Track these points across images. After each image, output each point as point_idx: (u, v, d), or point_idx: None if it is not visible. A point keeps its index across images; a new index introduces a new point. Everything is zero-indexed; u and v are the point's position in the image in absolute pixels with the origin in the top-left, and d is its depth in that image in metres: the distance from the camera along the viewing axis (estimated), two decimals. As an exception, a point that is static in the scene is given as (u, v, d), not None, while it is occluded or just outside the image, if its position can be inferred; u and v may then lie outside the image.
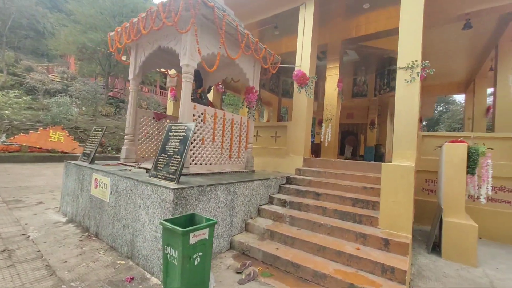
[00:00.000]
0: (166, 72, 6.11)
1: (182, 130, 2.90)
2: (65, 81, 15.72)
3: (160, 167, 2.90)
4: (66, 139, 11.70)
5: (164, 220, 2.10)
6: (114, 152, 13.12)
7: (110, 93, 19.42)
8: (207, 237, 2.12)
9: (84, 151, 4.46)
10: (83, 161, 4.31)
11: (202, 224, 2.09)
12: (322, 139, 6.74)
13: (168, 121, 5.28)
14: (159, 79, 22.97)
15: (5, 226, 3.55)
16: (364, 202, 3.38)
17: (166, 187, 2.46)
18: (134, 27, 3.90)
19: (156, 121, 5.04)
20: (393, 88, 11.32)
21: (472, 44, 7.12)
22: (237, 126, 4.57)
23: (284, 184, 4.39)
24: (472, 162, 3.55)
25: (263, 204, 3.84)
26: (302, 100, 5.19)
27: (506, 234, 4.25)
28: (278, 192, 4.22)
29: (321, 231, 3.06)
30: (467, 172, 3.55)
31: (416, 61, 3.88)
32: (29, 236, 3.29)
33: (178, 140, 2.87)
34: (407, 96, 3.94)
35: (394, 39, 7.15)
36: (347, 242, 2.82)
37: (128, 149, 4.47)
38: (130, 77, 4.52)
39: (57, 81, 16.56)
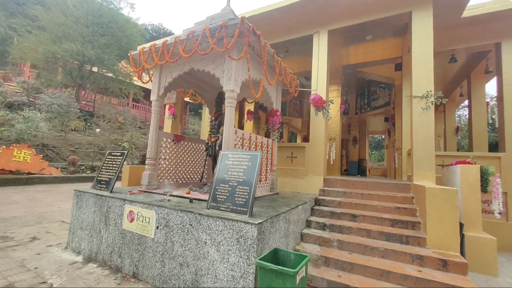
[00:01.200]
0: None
1: (245, 159, 2.82)
2: (28, 92, 14.03)
3: (221, 198, 2.76)
4: (33, 159, 10.31)
5: (259, 259, 2.00)
6: (89, 172, 11.89)
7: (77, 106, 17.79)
8: (304, 274, 2.07)
9: (99, 179, 4.02)
10: (100, 189, 3.87)
11: (303, 261, 2.03)
12: (327, 157, 7.02)
13: (186, 143, 5.05)
14: (132, 91, 21.82)
15: (13, 273, 2.98)
16: (403, 223, 3.59)
17: (246, 222, 2.34)
18: (168, 49, 3.76)
19: (175, 143, 4.79)
20: (373, 108, 12.38)
21: (445, 73, 8.22)
22: (265, 148, 4.57)
23: (314, 206, 4.45)
24: (484, 181, 4.04)
25: (303, 229, 3.84)
26: (319, 122, 5.41)
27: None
28: (311, 215, 4.25)
29: (374, 254, 3.16)
30: (481, 190, 4.03)
31: (430, 91, 4.36)
32: (52, 285, 2.80)
33: (242, 170, 2.78)
34: (424, 122, 4.38)
35: (383, 67, 7.98)
36: (405, 264, 2.96)
37: (150, 175, 4.15)
38: (153, 98, 4.28)
39: (16, 91, 14.71)
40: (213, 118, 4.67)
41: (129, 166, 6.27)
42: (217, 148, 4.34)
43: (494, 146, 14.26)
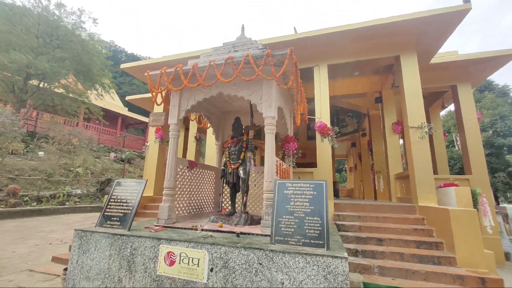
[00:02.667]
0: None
1: (309, 188, 2.74)
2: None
3: (287, 231, 2.58)
4: (-42, 190, 8.09)
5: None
6: (34, 204, 9.81)
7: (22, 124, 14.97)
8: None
9: (108, 214, 3.36)
10: (112, 227, 3.23)
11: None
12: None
13: (198, 169, 4.68)
14: (83, 110, 19.53)
15: None
16: (427, 244, 3.87)
17: (335, 256, 2.22)
18: (201, 72, 3.59)
19: (189, 170, 4.39)
20: (344, 134, 13.55)
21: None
22: (285, 174, 4.53)
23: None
24: (474, 201, 4.71)
25: (338, 257, 3.79)
26: (326, 148, 5.66)
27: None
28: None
29: (417, 277, 3.29)
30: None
31: (424, 123, 5.03)
32: None
33: (307, 200, 2.68)
34: (422, 150, 4.98)
35: (361, 99, 8.98)
36: (449, 285, 3.14)
37: (170, 207, 3.67)
38: (173, 121, 3.93)
39: None
40: (230, 143, 4.48)
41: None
42: (241, 175, 4.12)
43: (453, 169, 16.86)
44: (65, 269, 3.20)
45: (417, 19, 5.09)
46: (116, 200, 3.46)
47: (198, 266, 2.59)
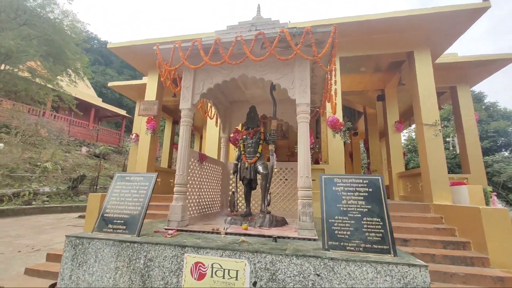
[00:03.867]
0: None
1: (362, 184, 2.38)
2: None
3: (342, 235, 2.20)
4: None
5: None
6: (-7, 203, 8.44)
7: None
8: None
9: (108, 216, 2.73)
10: (115, 232, 2.61)
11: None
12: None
13: (208, 164, 4.13)
14: (51, 97, 17.57)
15: None
16: (453, 244, 3.73)
17: (412, 264, 1.88)
18: (225, 47, 3.07)
19: (199, 164, 3.84)
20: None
21: (406, 106, 9.81)
22: (305, 171, 4.16)
23: (356, 232, 4.21)
24: (486, 199, 4.72)
25: (367, 260, 3.51)
26: (338, 144, 5.40)
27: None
28: (361, 243, 3.98)
29: (455, 280, 3.10)
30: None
31: (438, 120, 4.96)
32: None
33: (362, 197, 2.32)
34: (437, 148, 4.90)
35: (362, 97, 8.91)
36: (476, 267, 2.99)
37: (183, 207, 3.11)
38: (185, 106, 3.36)
39: None
40: (246, 135, 4.01)
41: (99, 194, 4.81)
42: (261, 170, 3.67)
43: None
44: (53, 286, 2.52)
45: (433, 14, 4.99)
46: (118, 198, 2.83)
47: (236, 279, 2.11)
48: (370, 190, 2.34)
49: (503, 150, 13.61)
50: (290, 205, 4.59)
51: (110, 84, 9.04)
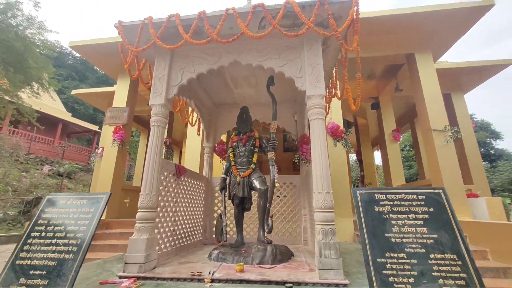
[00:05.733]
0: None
1: (418, 201, 1.62)
2: None
3: (403, 283, 1.39)
4: None
5: None
6: None
7: None
8: None
9: (22, 263, 1.71)
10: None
11: None
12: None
13: (187, 179, 3.21)
14: (10, 111, 15.68)
15: None
16: (492, 271, 3.03)
17: None
18: (212, 23, 2.31)
19: (176, 178, 2.91)
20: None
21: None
22: (309, 185, 3.37)
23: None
24: (506, 212, 4.19)
25: None
26: (339, 155, 4.73)
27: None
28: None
29: None
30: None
31: (448, 125, 4.48)
32: None
33: (421, 221, 1.55)
34: (449, 156, 4.38)
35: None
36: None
37: (149, 241, 2.15)
38: (156, 101, 2.50)
39: None
40: (237, 141, 3.18)
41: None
42: (257, 185, 2.83)
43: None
44: None
45: (435, 12, 4.67)
46: (44, 235, 1.83)
47: None
48: (432, 210, 1.59)
49: (485, 161, 13.94)
50: (291, 228, 3.73)
51: (74, 92, 7.88)
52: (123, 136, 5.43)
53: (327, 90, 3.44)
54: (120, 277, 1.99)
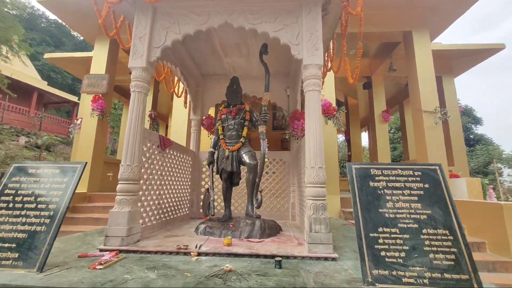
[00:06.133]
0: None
1: (414, 177, 1.58)
2: None
3: (394, 257, 1.37)
4: None
5: None
6: None
7: None
8: None
9: (-11, 235, 1.56)
10: (-3, 266, 1.47)
11: None
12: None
13: (173, 152, 3.05)
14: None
15: None
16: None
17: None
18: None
19: (161, 150, 2.75)
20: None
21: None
22: (299, 162, 3.32)
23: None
24: (483, 192, 4.41)
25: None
26: (330, 133, 4.68)
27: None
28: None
29: None
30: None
31: (438, 107, 4.50)
32: None
33: (416, 197, 1.52)
34: (437, 137, 4.44)
35: (345, 85, 8.37)
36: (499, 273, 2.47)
37: (131, 214, 2.03)
38: (138, 63, 2.25)
39: None
40: (226, 114, 3.02)
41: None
42: (247, 160, 2.73)
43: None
44: None
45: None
46: (12, 205, 1.66)
47: None
48: (427, 186, 1.55)
49: (465, 145, 14.57)
50: (279, 204, 3.73)
51: (46, 56, 7.16)
52: (103, 106, 5.07)
53: (323, 63, 3.27)
54: (101, 250, 1.89)
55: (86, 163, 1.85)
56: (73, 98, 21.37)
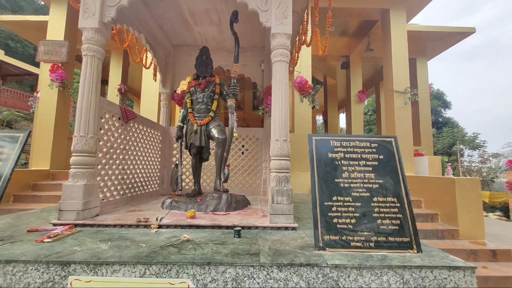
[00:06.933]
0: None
1: (370, 148, 1.61)
2: None
3: (345, 223, 1.43)
4: None
5: None
6: None
7: None
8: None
9: None
10: None
11: None
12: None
13: (137, 125, 2.90)
14: None
15: None
16: (422, 217, 3.50)
17: (455, 267, 1.22)
18: None
19: (123, 123, 2.59)
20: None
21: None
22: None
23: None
24: (442, 169, 4.74)
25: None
26: (305, 111, 4.69)
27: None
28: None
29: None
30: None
31: (408, 87, 4.64)
32: None
33: (370, 168, 1.56)
34: (405, 117, 4.63)
35: (324, 64, 8.34)
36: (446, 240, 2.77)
37: (87, 187, 1.93)
38: (89, 24, 2.03)
39: None
40: (195, 86, 2.89)
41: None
42: (215, 134, 2.67)
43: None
44: None
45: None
46: None
47: (171, 315, 1.16)
48: (381, 157, 1.60)
49: (434, 127, 15.47)
50: (251, 180, 3.76)
51: (-4, 17, 6.28)
52: (63, 76, 4.65)
53: (297, 37, 3.18)
54: (54, 225, 1.80)
55: (30, 131, 1.70)
56: (36, 71, 19.48)
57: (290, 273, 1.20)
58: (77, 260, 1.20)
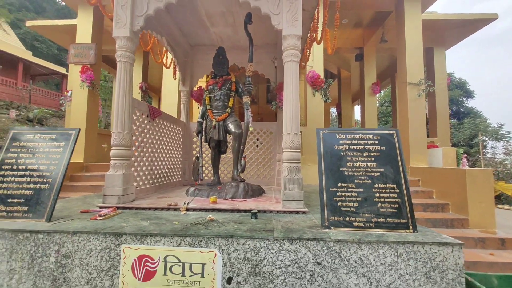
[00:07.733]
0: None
1: (373, 141, 1.79)
2: None
3: (349, 206, 1.63)
4: None
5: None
6: None
7: None
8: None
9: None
10: (10, 216, 1.70)
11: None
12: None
13: (163, 122, 3.21)
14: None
15: None
16: (433, 206, 3.60)
17: (443, 243, 1.40)
18: None
19: (151, 120, 2.90)
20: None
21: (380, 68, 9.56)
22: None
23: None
24: (457, 161, 4.73)
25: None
26: (317, 105, 4.82)
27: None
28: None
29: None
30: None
31: (422, 79, 4.62)
32: None
33: (373, 158, 1.74)
34: (419, 109, 4.63)
35: (338, 56, 8.31)
36: (476, 250, 2.87)
37: (126, 177, 2.25)
38: (122, 33, 2.31)
39: None
40: (213, 85, 3.13)
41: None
42: (232, 129, 2.92)
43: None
44: None
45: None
46: (15, 167, 1.85)
47: (202, 276, 1.44)
48: (383, 148, 1.77)
49: (455, 118, 14.88)
50: (265, 171, 4.01)
51: (28, 23, 6.83)
52: (92, 77, 5.07)
53: (308, 34, 3.32)
54: (101, 207, 2.14)
55: (80, 129, 2.02)
56: (61, 70, 20.64)
57: (299, 246, 1.44)
58: (127, 232, 1.50)
